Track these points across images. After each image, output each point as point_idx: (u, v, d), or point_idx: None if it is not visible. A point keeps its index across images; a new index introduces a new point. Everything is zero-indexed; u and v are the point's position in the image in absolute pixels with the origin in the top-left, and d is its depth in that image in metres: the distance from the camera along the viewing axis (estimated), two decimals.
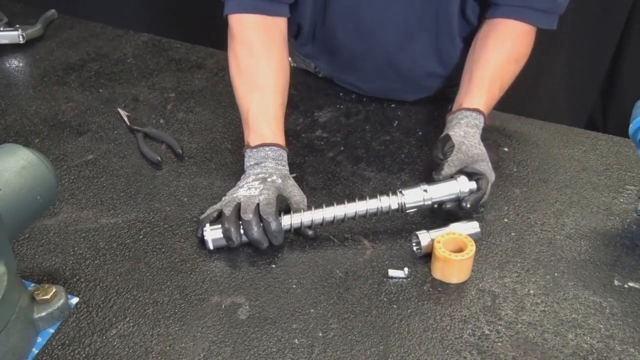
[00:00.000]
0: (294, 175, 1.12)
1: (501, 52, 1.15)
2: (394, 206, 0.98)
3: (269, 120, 1.08)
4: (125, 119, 1.26)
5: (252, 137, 1.06)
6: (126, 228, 1.01)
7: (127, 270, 0.94)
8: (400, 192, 0.98)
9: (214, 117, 1.28)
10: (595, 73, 2.46)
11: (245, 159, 1.06)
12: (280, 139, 1.07)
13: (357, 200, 0.98)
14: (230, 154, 1.18)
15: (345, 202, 0.98)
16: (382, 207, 0.98)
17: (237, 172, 1.13)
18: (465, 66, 1.18)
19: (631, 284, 0.94)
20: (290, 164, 1.15)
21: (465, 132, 1.06)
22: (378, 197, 0.98)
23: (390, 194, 0.98)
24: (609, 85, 2.48)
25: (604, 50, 2.39)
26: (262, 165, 1.03)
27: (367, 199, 0.98)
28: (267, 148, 1.04)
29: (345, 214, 0.98)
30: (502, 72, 1.15)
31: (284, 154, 1.06)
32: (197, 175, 1.13)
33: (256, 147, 1.05)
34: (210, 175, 1.13)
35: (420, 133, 1.25)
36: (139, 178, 1.12)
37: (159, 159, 1.15)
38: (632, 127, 0.99)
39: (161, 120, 1.27)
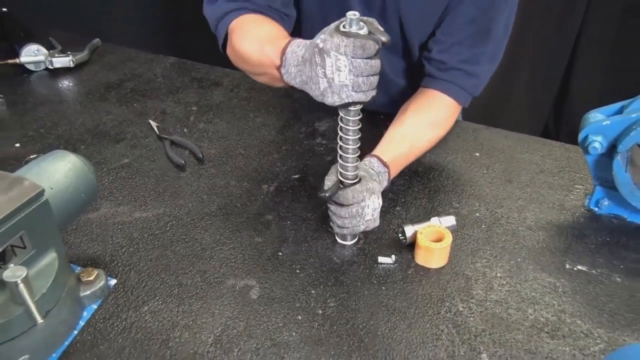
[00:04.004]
0: (296, 176, 1.12)
1: (417, 116, 1.10)
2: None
3: (276, 42, 0.91)
4: (155, 128, 1.25)
5: (276, 56, 0.89)
6: (155, 221, 1.01)
7: (156, 256, 0.94)
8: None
9: (229, 127, 1.27)
10: (549, 89, 2.46)
11: (287, 75, 0.91)
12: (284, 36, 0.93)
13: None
14: (243, 158, 1.17)
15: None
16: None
17: (249, 174, 1.12)
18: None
19: (579, 267, 0.94)
20: (293, 167, 1.14)
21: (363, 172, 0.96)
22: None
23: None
24: (561, 100, 2.48)
25: (556, 69, 2.39)
26: (297, 60, 0.88)
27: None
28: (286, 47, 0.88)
29: None
30: (414, 133, 1.09)
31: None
32: (215, 176, 1.12)
33: (282, 56, 0.88)
34: (226, 176, 1.13)
35: None
36: (166, 179, 1.11)
37: (183, 162, 1.14)
38: (580, 136, 0.99)
39: (185, 130, 1.26)
